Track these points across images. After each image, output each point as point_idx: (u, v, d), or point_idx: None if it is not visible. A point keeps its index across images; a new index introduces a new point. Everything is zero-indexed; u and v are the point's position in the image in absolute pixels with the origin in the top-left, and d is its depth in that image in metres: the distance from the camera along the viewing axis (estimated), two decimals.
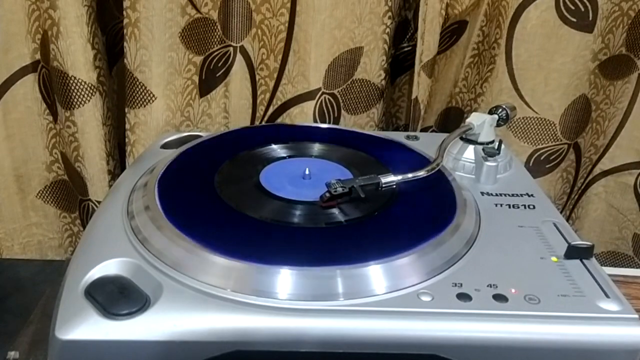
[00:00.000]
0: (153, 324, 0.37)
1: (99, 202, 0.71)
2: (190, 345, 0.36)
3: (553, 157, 0.77)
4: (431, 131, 0.81)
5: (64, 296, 0.39)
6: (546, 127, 0.75)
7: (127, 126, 0.68)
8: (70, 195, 0.76)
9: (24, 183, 0.75)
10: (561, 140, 0.76)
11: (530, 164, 0.77)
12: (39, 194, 0.76)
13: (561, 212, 0.79)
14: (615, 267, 0.83)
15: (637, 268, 0.81)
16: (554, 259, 0.43)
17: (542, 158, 0.77)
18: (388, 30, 0.68)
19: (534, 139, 0.76)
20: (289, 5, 0.65)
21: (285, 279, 0.39)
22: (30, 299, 0.65)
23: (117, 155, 0.73)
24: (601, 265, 0.44)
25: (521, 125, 0.75)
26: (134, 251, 0.42)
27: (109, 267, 0.41)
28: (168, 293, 0.38)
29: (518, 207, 0.50)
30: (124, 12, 0.62)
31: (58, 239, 0.79)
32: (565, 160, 0.79)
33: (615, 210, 0.81)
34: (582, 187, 0.82)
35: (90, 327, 0.37)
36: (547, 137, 0.76)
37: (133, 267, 0.41)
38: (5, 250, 0.77)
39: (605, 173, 0.80)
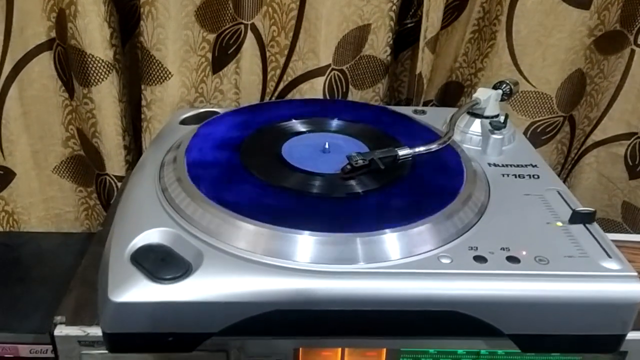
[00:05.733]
0: (198, 287, 0.40)
1: (116, 177, 0.74)
2: (232, 305, 0.40)
3: (549, 129, 0.81)
4: (432, 105, 0.84)
5: (112, 263, 0.42)
6: (543, 100, 0.78)
7: (144, 103, 0.70)
8: (86, 170, 0.78)
9: (40, 158, 0.77)
10: (557, 113, 0.80)
11: (528, 136, 0.81)
12: (55, 169, 0.78)
13: None
14: (605, 233, 0.88)
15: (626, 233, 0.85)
16: (558, 223, 0.47)
17: (538, 130, 0.81)
18: (394, 7, 0.71)
19: (532, 111, 0.79)
20: None
21: (315, 244, 0.42)
22: (54, 269, 0.68)
23: (132, 131, 0.75)
24: None
25: (519, 99, 0.78)
26: (172, 221, 0.45)
27: (150, 236, 0.44)
28: (209, 259, 0.42)
29: (523, 177, 0.54)
30: None
31: (74, 212, 0.81)
32: (560, 132, 0.82)
33: (606, 179, 0.86)
34: (576, 158, 0.86)
35: (140, 290, 0.40)
36: (544, 110, 0.79)
37: (173, 236, 0.44)
38: (22, 223, 0.80)
39: (598, 144, 0.84)
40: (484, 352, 0.47)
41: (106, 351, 0.45)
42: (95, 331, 0.45)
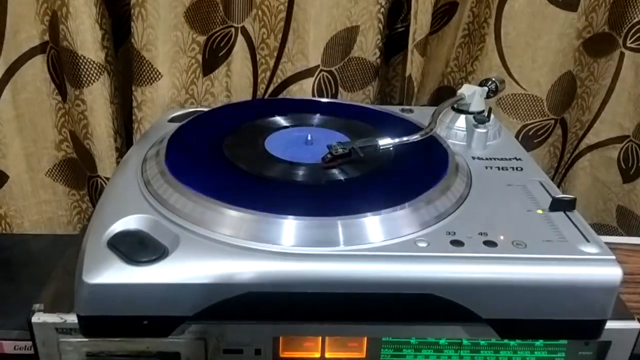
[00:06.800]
0: (172, 269, 0.40)
1: (107, 179, 0.74)
2: (207, 287, 0.40)
3: (541, 132, 0.81)
4: None
5: (89, 247, 0.42)
6: (534, 103, 0.78)
7: (134, 104, 0.71)
8: (79, 173, 0.79)
9: (34, 162, 0.77)
10: (548, 116, 0.80)
11: (519, 139, 0.81)
12: (48, 172, 0.79)
13: None
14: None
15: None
16: (539, 211, 0.47)
17: (530, 133, 0.81)
18: (382, 10, 0.72)
19: (523, 114, 0.79)
20: None
21: (291, 228, 0.42)
22: (44, 269, 0.68)
23: (124, 133, 0.76)
24: None
25: (510, 102, 0.78)
26: (151, 208, 0.45)
27: (128, 222, 0.44)
28: (185, 243, 0.42)
29: (507, 169, 0.54)
30: None
31: (67, 215, 0.82)
32: (552, 135, 0.82)
33: (600, 184, 0.85)
34: (569, 162, 0.86)
35: (115, 272, 0.40)
36: (535, 113, 0.79)
37: (150, 221, 0.44)
38: (16, 227, 0.80)
39: (591, 148, 0.84)
40: (466, 343, 0.46)
41: (85, 339, 0.45)
42: (73, 318, 0.44)
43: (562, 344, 0.47)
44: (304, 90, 0.73)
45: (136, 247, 0.42)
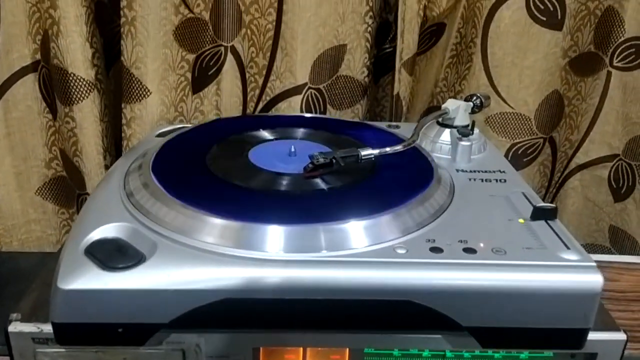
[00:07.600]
0: (148, 275, 0.40)
1: None
2: (182, 294, 0.39)
3: (530, 150, 0.81)
4: None
5: (66, 255, 0.42)
6: (522, 121, 0.79)
7: (124, 121, 0.71)
8: (68, 192, 0.79)
9: (24, 180, 0.77)
10: (537, 135, 0.80)
11: (509, 158, 0.81)
12: (38, 191, 0.79)
13: None
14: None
15: None
16: (521, 220, 0.46)
17: (519, 152, 0.81)
18: (370, 29, 0.73)
19: (511, 133, 0.80)
20: (276, 4, 0.70)
21: (268, 234, 0.42)
22: (29, 287, 0.68)
23: (114, 151, 0.76)
24: None
25: (499, 121, 0.79)
26: (130, 216, 0.45)
27: (107, 231, 0.44)
28: (162, 249, 0.41)
29: (490, 181, 0.54)
30: (121, 12, 0.66)
31: (56, 235, 0.81)
32: (541, 153, 0.82)
33: (592, 203, 0.85)
34: (559, 181, 0.86)
35: (90, 278, 0.39)
36: (524, 132, 0.79)
37: (129, 230, 0.44)
38: (4, 246, 0.80)
39: (581, 167, 0.84)
40: (450, 355, 0.45)
41: (61, 349, 0.44)
42: (50, 328, 0.44)
43: (547, 356, 0.46)
44: (292, 107, 0.74)
45: (113, 254, 0.41)
